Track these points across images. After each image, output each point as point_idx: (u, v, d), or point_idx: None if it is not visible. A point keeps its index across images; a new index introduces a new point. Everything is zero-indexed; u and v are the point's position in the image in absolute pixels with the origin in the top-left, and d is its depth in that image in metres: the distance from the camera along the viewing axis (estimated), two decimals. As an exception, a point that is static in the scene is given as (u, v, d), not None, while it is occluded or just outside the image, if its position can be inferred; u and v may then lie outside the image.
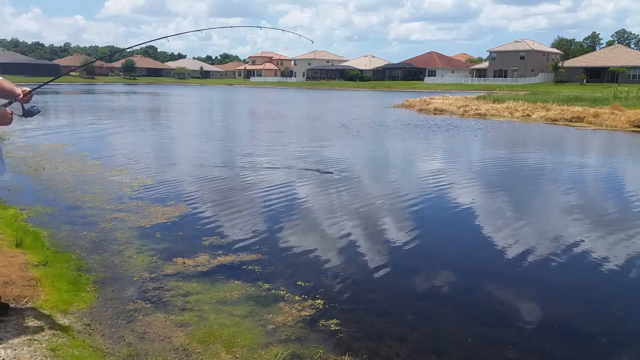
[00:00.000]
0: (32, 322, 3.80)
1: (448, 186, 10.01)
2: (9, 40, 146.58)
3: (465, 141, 18.01)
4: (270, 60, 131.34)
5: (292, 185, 9.75)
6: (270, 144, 16.21)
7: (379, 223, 7.27)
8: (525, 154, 14.91)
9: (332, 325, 4.25)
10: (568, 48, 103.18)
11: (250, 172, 10.98)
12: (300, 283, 5.09)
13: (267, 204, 8.33)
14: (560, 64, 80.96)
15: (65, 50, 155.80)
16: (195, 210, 7.69)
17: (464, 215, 7.81)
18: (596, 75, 76.57)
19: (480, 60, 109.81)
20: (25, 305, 4.07)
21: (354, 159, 13.43)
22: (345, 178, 10.37)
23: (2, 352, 3.34)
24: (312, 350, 3.87)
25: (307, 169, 11.36)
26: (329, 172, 10.92)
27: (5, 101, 3.81)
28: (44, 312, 4.03)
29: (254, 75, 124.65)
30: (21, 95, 3.69)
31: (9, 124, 3.72)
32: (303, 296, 4.77)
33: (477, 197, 9.22)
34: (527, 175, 11.60)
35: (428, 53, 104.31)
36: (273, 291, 4.86)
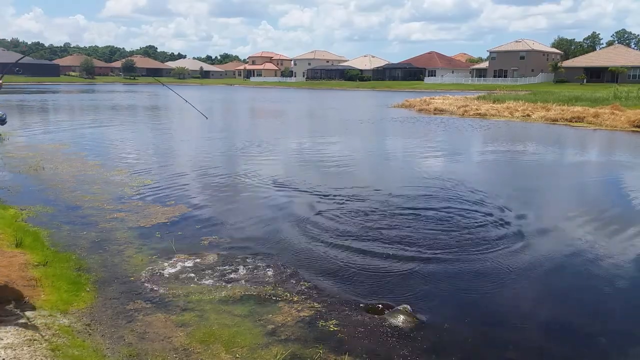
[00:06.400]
0: (32, 322, 3.80)
1: (445, 181, 9.99)
2: (9, 40, 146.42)
3: (465, 139, 18.01)
4: (270, 60, 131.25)
5: (291, 184, 9.74)
6: (269, 142, 16.20)
7: (378, 222, 7.26)
8: (530, 152, 14.92)
9: (332, 326, 4.25)
10: (568, 48, 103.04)
11: (250, 172, 10.96)
12: (300, 283, 5.09)
13: (266, 203, 8.33)
14: (560, 64, 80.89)
15: (65, 50, 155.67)
16: (195, 210, 7.69)
17: (463, 214, 7.80)
18: (596, 75, 76.48)
19: (480, 60, 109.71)
20: (25, 305, 4.07)
21: (350, 153, 13.44)
22: (346, 174, 10.37)
23: (2, 352, 3.33)
24: (312, 350, 3.87)
25: (304, 168, 11.36)
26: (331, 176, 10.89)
27: None
28: (44, 312, 4.03)
29: (254, 75, 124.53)
30: None
31: None
32: (303, 296, 4.77)
33: (477, 194, 9.20)
34: (529, 174, 11.60)
35: (428, 53, 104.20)
36: (273, 291, 4.87)
